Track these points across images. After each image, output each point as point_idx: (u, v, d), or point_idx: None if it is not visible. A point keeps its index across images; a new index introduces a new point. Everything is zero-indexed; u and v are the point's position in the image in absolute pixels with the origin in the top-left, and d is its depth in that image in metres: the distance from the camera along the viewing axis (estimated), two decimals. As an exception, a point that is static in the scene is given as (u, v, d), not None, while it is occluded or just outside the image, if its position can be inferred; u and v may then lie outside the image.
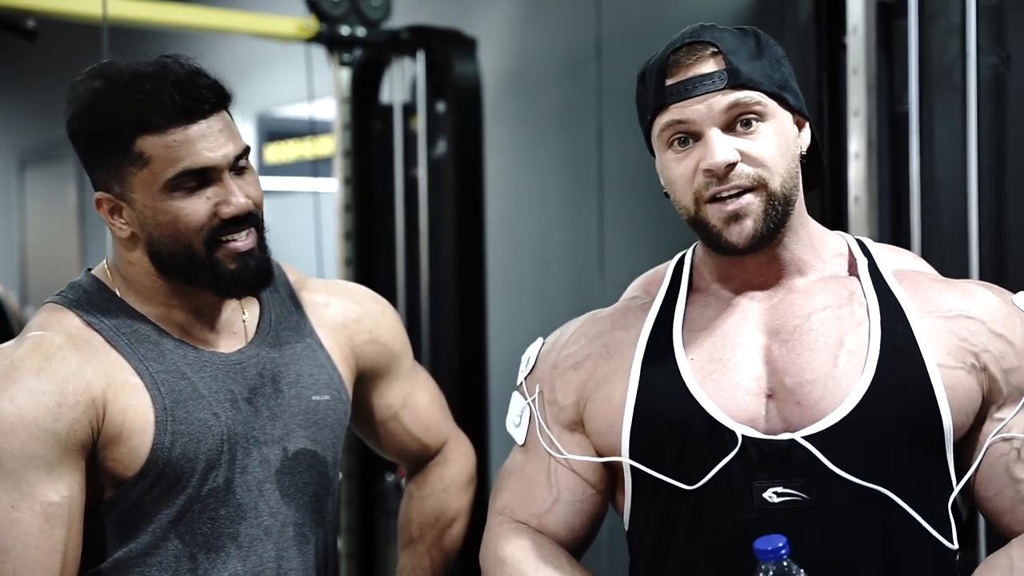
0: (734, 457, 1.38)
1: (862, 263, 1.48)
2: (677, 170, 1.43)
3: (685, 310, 1.49)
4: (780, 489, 1.37)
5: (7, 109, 7.57)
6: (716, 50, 1.40)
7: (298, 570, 1.60)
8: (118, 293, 1.58)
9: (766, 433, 1.39)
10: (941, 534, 1.39)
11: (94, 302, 1.56)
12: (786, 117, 1.43)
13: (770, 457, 1.38)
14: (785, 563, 1.24)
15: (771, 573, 1.24)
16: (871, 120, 2.44)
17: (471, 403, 3.52)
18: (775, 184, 1.40)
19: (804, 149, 1.47)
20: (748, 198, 1.39)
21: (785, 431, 1.39)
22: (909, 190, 2.38)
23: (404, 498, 1.88)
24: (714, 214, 1.41)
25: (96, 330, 1.53)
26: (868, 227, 2.42)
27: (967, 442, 1.42)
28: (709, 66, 1.40)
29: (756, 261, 1.46)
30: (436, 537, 1.83)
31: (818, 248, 1.49)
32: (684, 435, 1.41)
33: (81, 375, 1.47)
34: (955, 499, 1.41)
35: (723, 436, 1.39)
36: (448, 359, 3.59)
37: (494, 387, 3.69)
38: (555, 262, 3.92)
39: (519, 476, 1.56)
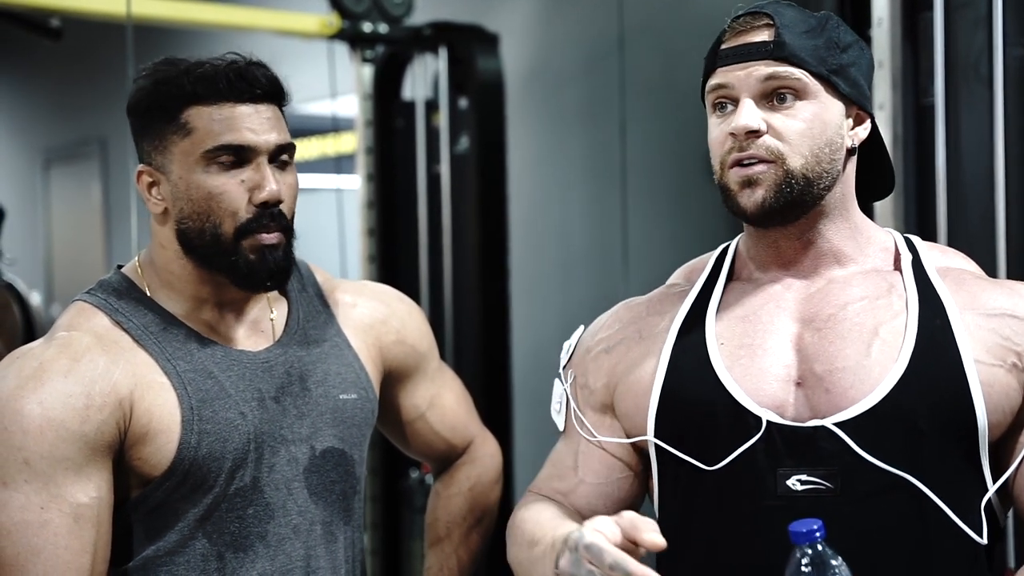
0: (758, 443, 1.38)
1: (906, 259, 1.47)
2: (713, 133, 1.46)
3: (722, 297, 1.50)
4: (804, 477, 1.36)
5: (32, 107, 7.61)
6: (770, 22, 1.42)
7: (327, 568, 1.61)
8: (147, 291, 1.58)
9: (793, 420, 1.38)
10: (971, 529, 1.36)
11: (123, 300, 1.56)
12: (831, 102, 1.43)
13: (795, 444, 1.37)
14: (820, 547, 1.20)
15: (806, 557, 1.20)
16: (897, 113, 2.43)
17: (494, 399, 3.52)
18: (793, 162, 1.40)
19: (856, 143, 1.46)
20: (762, 167, 1.41)
21: (812, 419, 1.38)
22: (935, 184, 2.37)
23: (431, 497, 1.88)
24: (732, 178, 1.43)
25: (124, 329, 1.53)
26: (894, 221, 2.40)
27: (1007, 444, 1.39)
28: (759, 36, 1.42)
29: (790, 245, 1.47)
30: (463, 536, 1.83)
31: (861, 242, 1.49)
32: (708, 419, 1.41)
33: (109, 376, 1.48)
34: (991, 501, 1.39)
35: (747, 421, 1.39)
36: (471, 355, 3.59)
37: (518, 383, 3.69)
38: (578, 258, 3.91)
39: (552, 459, 1.59)
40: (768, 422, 1.38)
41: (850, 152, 1.46)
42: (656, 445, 1.46)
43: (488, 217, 3.57)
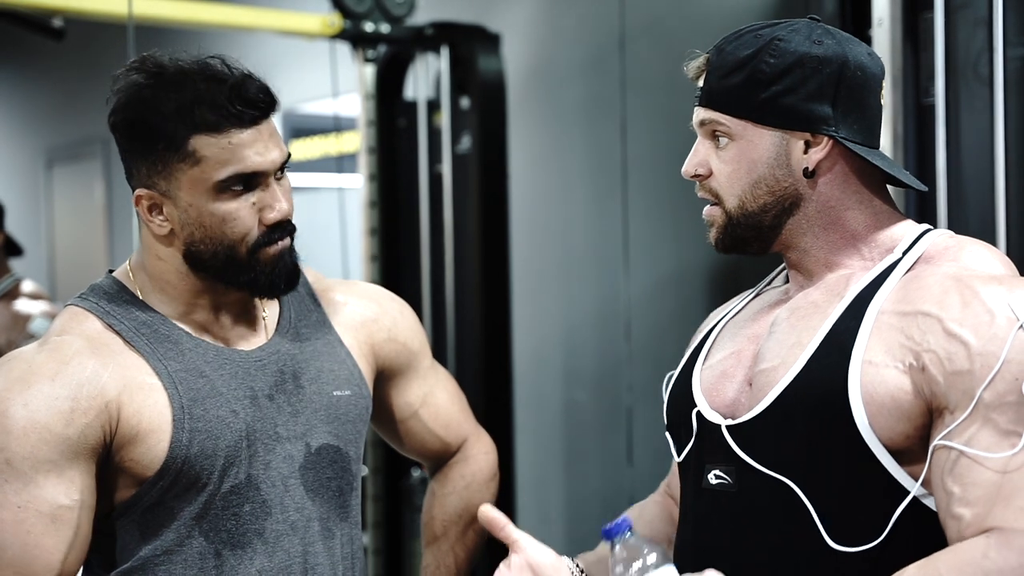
0: (696, 437, 1.47)
1: (888, 260, 1.42)
2: None
3: (746, 305, 1.58)
4: (717, 472, 1.44)
5: (35, 107, 7.63)
6: (702, 66, 1.47)
7: (325, 564, 1.62)
8: (139, 294, 1.59)
9: (729, 419, 1.45)
10: (845, 532, 1.34)
11: (114, 303, 1.57)
12: (761, 138, 1.43)
13: (712, 442, 1.45)
14: (628, 535, 1.32)
15: (618, 548, 1.31)
16: (897, 113, 2.43)
17: (496, 398, 3.53)
18: (729, 204, 1.46)
19: (811, 165, 1.43)
20: (711, 209, 1.49)
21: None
22: (936, 184, 2.37)
23: (427, 496, 1.89)
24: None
25: (116, 332, 1.55)
26: (894, 221, 2.41)
27: (925, 450, 1.32)
28: (699, 81, 1.48)
29: (787, 260, 1.52)
30: (459, 534, 1.85)
31: (863, 246, 1.46)
32: (681, 414, 1.51)
33: (96, 380, 1.49)
34: (925, 506, 1.34)
35: (693, 418, 1.49)
36: (473, 354, 3.60)
37: (519, 382, 3.69)
38: (579, 257, 3.92)
39: None
40: (697, 418, 1.47)
41: (810, 174, 1.43)
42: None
43: (489, 216, 3.58)
